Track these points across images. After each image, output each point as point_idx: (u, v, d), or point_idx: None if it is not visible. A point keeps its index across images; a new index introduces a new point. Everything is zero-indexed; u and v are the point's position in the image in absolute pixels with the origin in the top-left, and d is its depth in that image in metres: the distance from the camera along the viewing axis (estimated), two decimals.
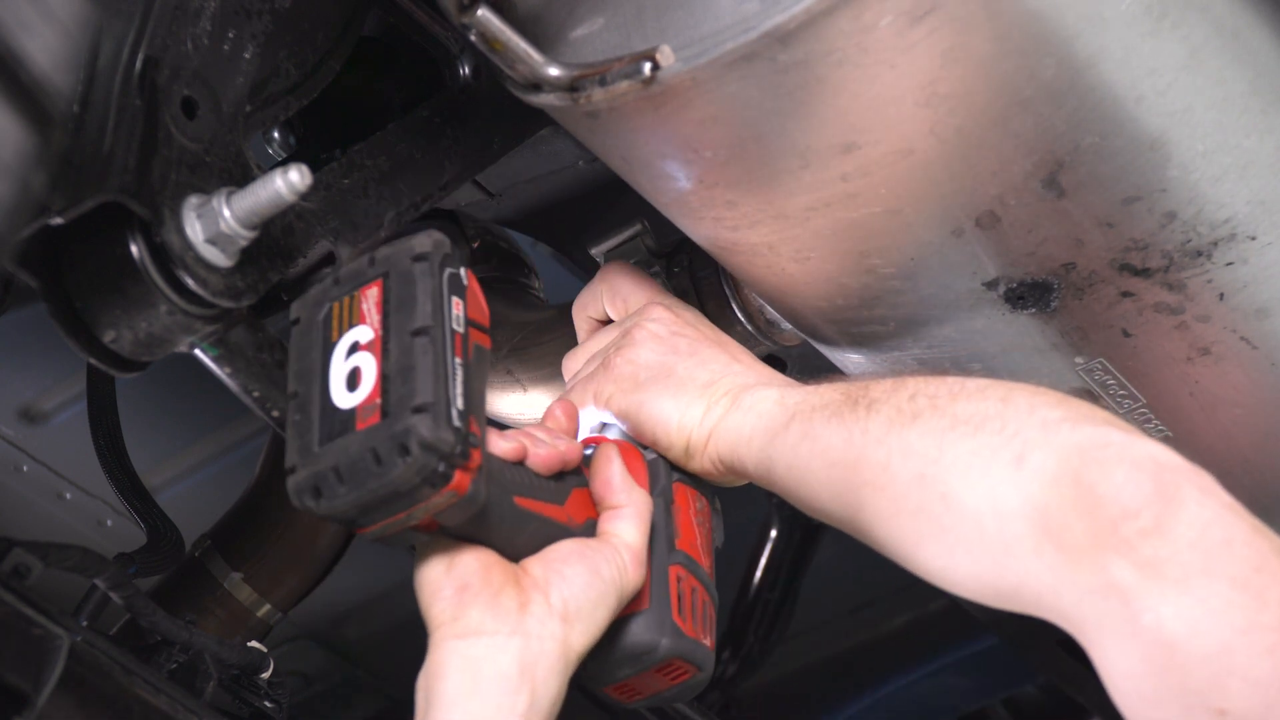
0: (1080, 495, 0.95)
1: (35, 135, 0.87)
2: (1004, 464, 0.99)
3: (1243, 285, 1.25)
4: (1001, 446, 1.00)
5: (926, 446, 1.04)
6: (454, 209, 1.89)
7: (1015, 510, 0.97)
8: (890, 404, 1.08)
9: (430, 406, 0.98)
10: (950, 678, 2.91)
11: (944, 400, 1.06)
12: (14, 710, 1.18)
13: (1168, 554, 0.91)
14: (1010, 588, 1.00)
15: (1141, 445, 0.97)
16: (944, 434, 1.03)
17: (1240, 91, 1.17)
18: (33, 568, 1.26)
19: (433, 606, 1.07)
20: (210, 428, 2.55)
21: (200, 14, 1.14)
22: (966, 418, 1.03)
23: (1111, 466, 0.95)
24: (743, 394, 1.22)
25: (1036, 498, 0.97)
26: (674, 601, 1.17)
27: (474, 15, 1.13)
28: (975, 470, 1.00)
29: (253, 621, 1.90)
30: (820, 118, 1.13)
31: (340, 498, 0.99)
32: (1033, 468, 0.97)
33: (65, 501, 2.48)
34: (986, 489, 0.99)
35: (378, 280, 1.05)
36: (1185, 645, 0.90)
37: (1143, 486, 0.94)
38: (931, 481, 1.03)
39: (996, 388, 1.06)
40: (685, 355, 1.27)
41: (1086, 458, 0.96)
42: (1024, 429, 1.00)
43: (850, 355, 1.44)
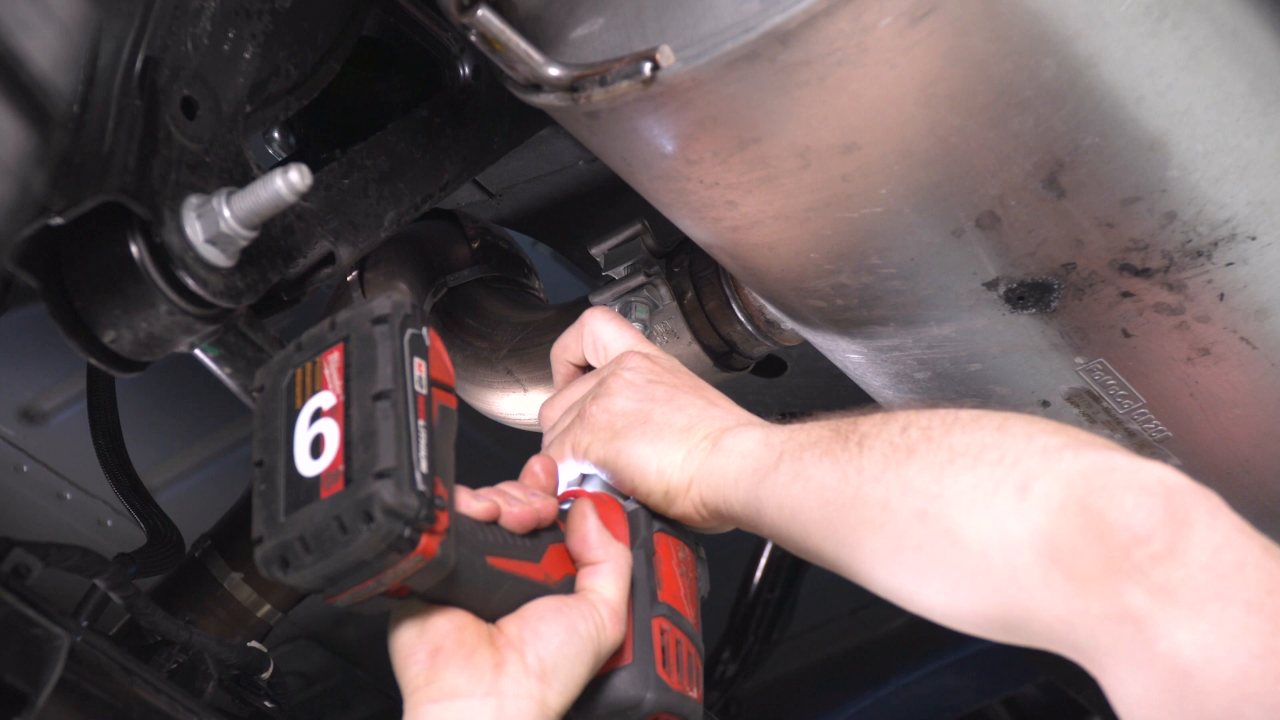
0: (1089, 522, 0.93)
1: (35, 135, 0.87)
2: (1008, 495, 0.97)
3: (1243, 285, 1.25)
4: (1004, 477, 0.98)
5: (926, 482, 1.02)
6: (454, 209, 1.89)
7: (1022, 541, 0.96)
8: (883, 439, 1.06)
9: (393, 471, 0.97)
10: (950, 678, 2.91)
11: (938, 432, 1.04)
12: (14, 710, 1.18)
13: (1181, 578, 0.90)
14: (1019, 620, 0.99)
15: (1148, 469, 0.96)
16: (943, 468, 1.01)
17: (1240, 92, 1.17)
18: (33, 568, 1.26)
19: (407, 671, 1.06)
20: (210, 428, 2.55)
21: (200, 14, 1.14)
22: (964, 449, 1.01)
23: (1120, 491, 0.94)
24: (723, 436, 1.19)
25: (1043, 527, 0.95)
26: (658, 655, 1.15)
27: (474, 15, 1.13)
28: (978, 503, 0.99)
29: (253, 621, 1.90)
30: (820, 118, 1.13)
31: (308, 568, 0.99)
32: (1037, 496, 0.96)
33: (65, 501, 2.48)
34: (991, 521, 0.98)
35: (339, 345, 1.03)
36: (1201, 672, 0.89)
37: (1154, 511, 0.92)
38: (934, 518, 1.01)
39: (991, 417, 1.04)
40: (662, 402, 1.24)
41: (1093, 484, 0.95)
42: (1024, 457, 0.98)
43: (850, 355, 1.44)
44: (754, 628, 2.57)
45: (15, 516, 2.46)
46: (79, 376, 2.08)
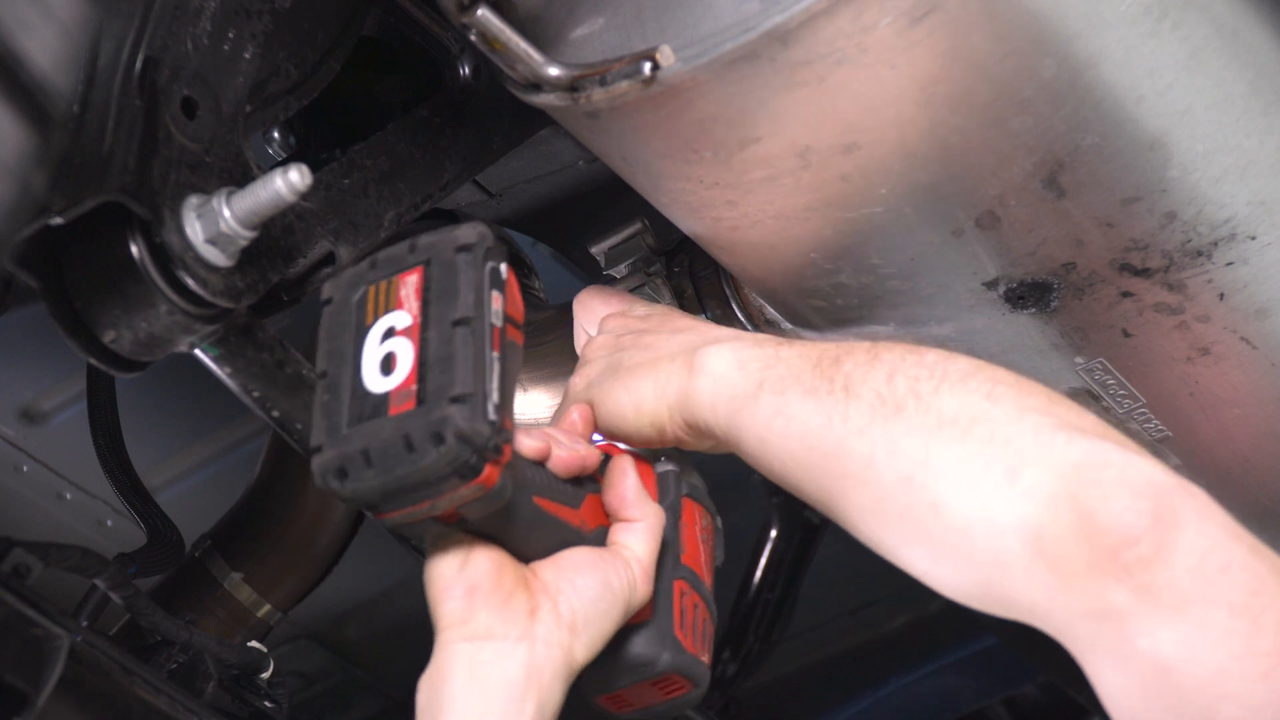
0: (1078, 520, 0.94)
1: (35, 135, 0.87)
2: (997, 476, 0.97)
3: (1243, 285, 1.25)
4: (994, 457, 0.98)
5: (912, 446, 1.02)
6: (454, 209, 1.89)
7: (1008, 527, 0.96)
8: (869, 386, 1.05)
9: (468, 397, 0.97)
10: (950, 678, 2.91)
11: (926, 389, 1.03)
12: (14, 710, 1.18)
13: (1165, 581, 0.91)
14: (998, 599, 0.99)
15: (1138, 466, 0.96)
16: (931, 434, 1.01)
17: (1240, 92, 1.17)
18: (33, 568, 1.26)
19: (442, 605, 1.06)
20: (210, 428, 2.55)
21: (200, 14, 1.14)
22: (953, 416, 1.01)
23: (1111, 491, 0.94)
24: (695, 355, 1.17)
25: (1032, 517, 0.95)
26: (677, 616, 1.16)
27: (474, 15, 1.13)
28: (965, 480, 0.99)
29: (253, 621, 1.90)
30: (820, 118, 1.13)
31: (366, 481, 0.98)
32: (1027, 484, 0.96)
33: (65, 501, 2.48)
34: (978, 502, 0.98)
35: (418, 267, 1.04)
36: (1180, 670, 0.90)
37: (1143, 514, 0.93)
38: (919, 487, 1.01)
39: (979, 378, 1.03)
40: (628, 348, 1.25)
41: (1084, 479, 0.95)
42: (1015, 437, 0.98)
43: None
44: (754, 628, 2.56)
45: (15, 516, 2.46)
46: (79, 376, 2.08)
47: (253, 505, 1.95)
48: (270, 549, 1.92)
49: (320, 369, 1.04)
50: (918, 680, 2.91)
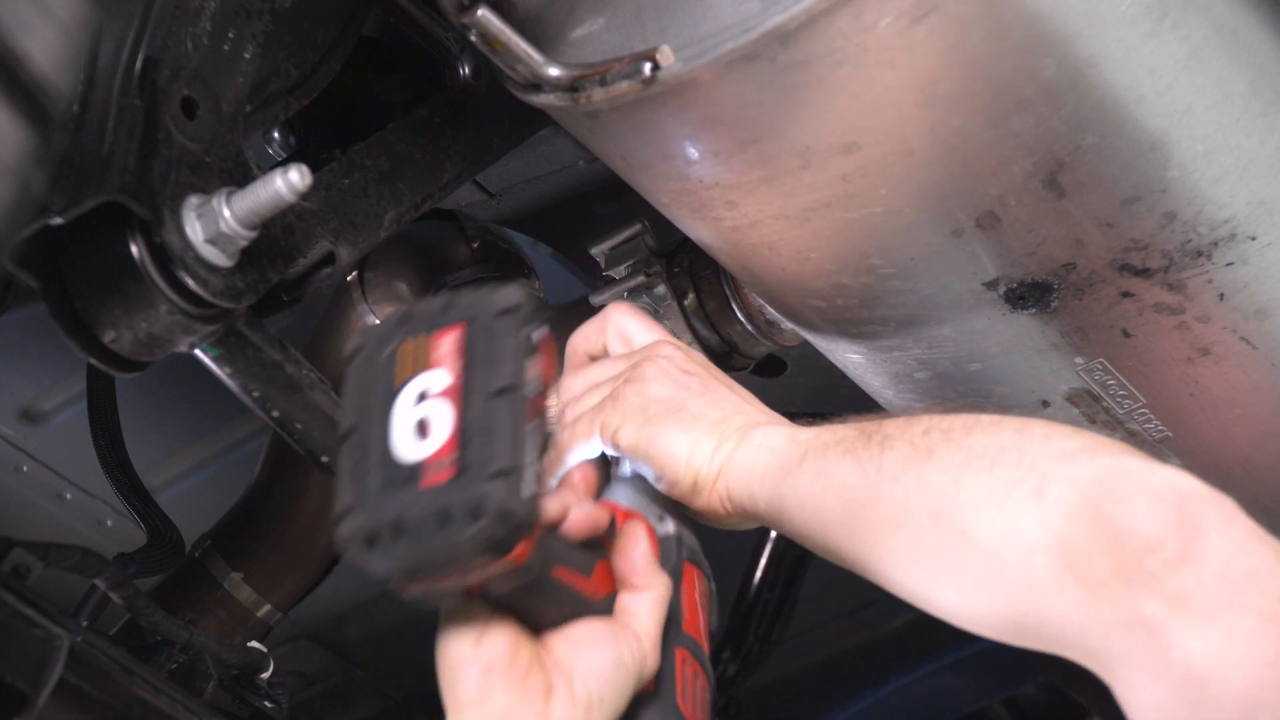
0: (1101, 528, 0.93)
1: (35, 135, 0.87)
2: (1023, 497, 0.97)
3: (1243, 285, 1.25)
4: (1020, 479, 0.98)
5: (944, 483, 1.02)
6: (454, 209, 1.89)
7: (1037, 544, 0.96)
8: (904, 440, 1.06)
9: (509, 472, 0.93)
10: (950, 678, 2.91)
11: (958, 434, 1.04)
12: (14, 710, 1.18)
13: (1194, 586, 0.90)
14: (1033, 625, 0.99)
15: (1160, 474, 0.95)
16: (960, 469, 1.01)
17: (1240, 92, 1.17)
18: (33, 568, 1.26)
19: (457, 685, 1.02)
20: (210, 428, 2.55)
21: (200, 14, 1.14)
22: (982, 451, 1.01)
23: (1132, 497, 0.93)
24: (753, 430, 1.18)
25: (1058, 531, 0.95)
26: (679, 687, 1.13)
27: (474, 15, 1.13)
28: (993, 504, 0.99)
29: (253, 621, 1.90)
30: (820, 118, 1.13)
31: (395, 553, 0.93)
32: (1052, 500, 0.96)
33: (65, 501, 2.48)
34: (1006, 523, 0.98)
35: (458, 327, 0.99)
36: (1215, 681, 0.89)
37: (1166, 517, 0.92)
38: (950, 518, 1.01)
39: (1011, 421, 1.04)
40: (697, 393, 1.23)
41: (1106, 489, 0.94)
42: (1040, 460, 0.98)
43: (851, 355, 1.44)
44: (754, 628, 2.56)
45: (15, 516, 2.46)
46: (79, 376, 2.08)
47: (253, 505, 1.95)
48: (270, 549, 1.92)
49: (348, 423, 1.00)
50: (918, 680, 2.90)
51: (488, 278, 1.82)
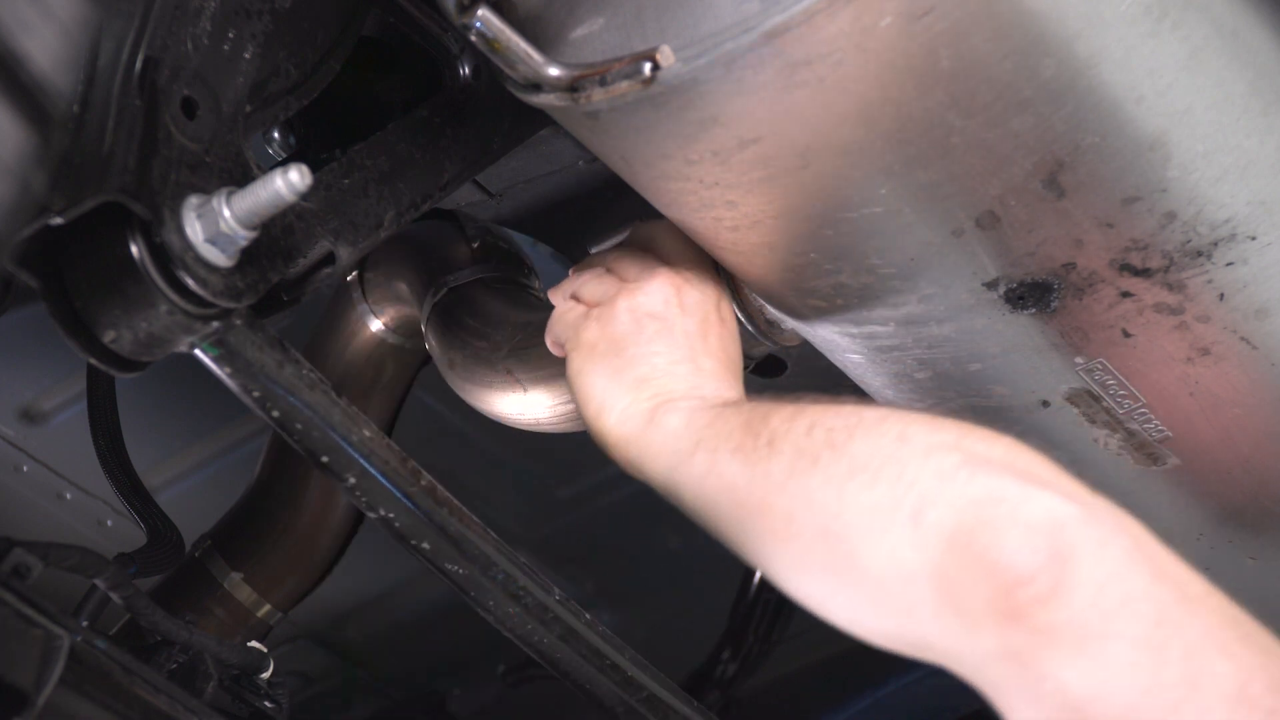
0: (974, 560, 0.93)
1: (35, 135, 0.87)
2: (903, 521, 0.98)
3: (1243, 285, 1.25)
4: (900, 499, 0.98)
5: (828, 498, 1.03)
6: (454, 209, 1.89)
7: (916, 572, 0.96)
8: (790, 440, 1.07)
9: None
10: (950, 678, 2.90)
11: (841, 438, 1.04)
12: (14, 710, 1.18)
13: (1065, 618, 0.90)
14: (917, 646, 1.00)
15: (1036, 500, 0.95)
16: (844, 483, 1.02)
17: (1240, 92, 1.17)
18: (33, 568, 1.25)
19: None
20: (210, 428, 2.55)
21: (200, 14, 1.14)
22: (865, 462, 1.02)
23: (1005, 529, 0.93)
24: (662, 406, 1.22)
25: (935, 560, 0.95)
26: None
27: (474, 15, 1.13)
28: (876, 528, 0.99)
29: (253, 621, 1.90)
30: (820, 118, 1.13)
31: None
32: (929, 525, 0.96)
33: (65, 501, 2.48)
34: (888, 549, 0.98)
35: None
36: (1090, 709, 0.89)
37: (1037, 551, 0.92)
38: (836, 538, 1.02)
39: (893, 421, 1.03)
40: (644, 342, 1.28)
41: (980, 517, 0.94)
42: (920, 477, 0.98)
43: (850, 355, 1.44)
44: (754, 628, 2.56)
45: (15, 516, 2.46)
46: (79, 376, 2.08)
47: (253, 505, 1.95)
48: (270, 549, 1.92)
49: None
50: (918, 680, 2.90)
51: (487, 277, 1.82)
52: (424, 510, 1.31)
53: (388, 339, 1.93)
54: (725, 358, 1.32)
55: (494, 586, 1.37)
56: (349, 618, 2.80)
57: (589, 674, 1.45)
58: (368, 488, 1.28)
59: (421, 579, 2.65)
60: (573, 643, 1.42)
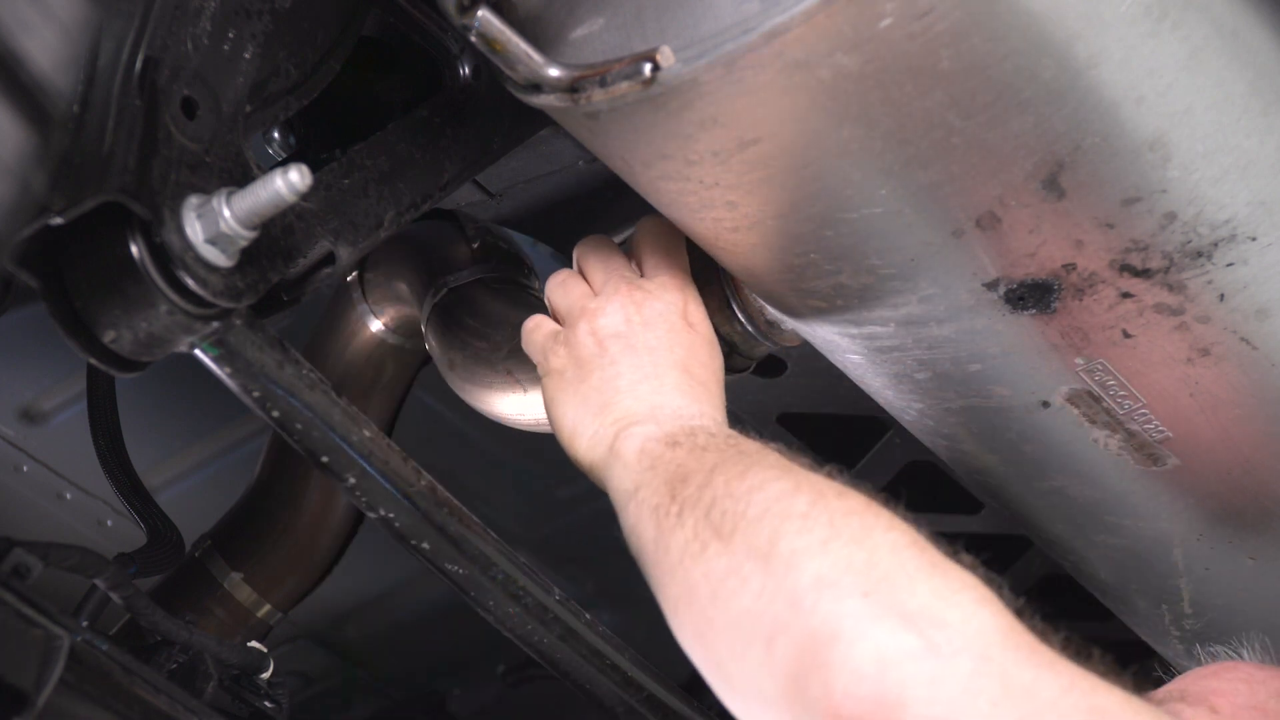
0: (813, 703, 0.93)
1: (35, 135, 0.87)
2: (760, 646, 0.98)
3: (1243, 286, 1.25)
4: (757, 621, 0.98)
5: (704, 597, 1.04)
6: (454, 209, 1.89)
7: (772, 700, 0.97)
8: (693, 515, 1.08)
9: None
10: None
11: (729, 525, 1.04)
12: (14, 710, 1.18)
13: None
14: None
15: (869, 639, 0.93)
16: (721, 582, 1.03)
17: (1240, 92, 1.17)
18: (33, 568, 1.25)
19: None
20: (210, 428, 2.55)
21: (200, 14, 1.14)
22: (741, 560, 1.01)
23: (834, 674, 0.92)
24: (621, 433, 1.25)
25: (785, 692, 0.96)
26: None
27: (474, 16, 1.13)
28: (738, 649, 1.00)
29: (253, 621, 1.90)
30: (820, 118, 1.13)
31: None
32: (778, 655, 0.96)
33: (65, 501, 2.48)
34: (749, 674, 0.99)
35: None
36: None
37: (863, 700, 0.91)
38: (708, 647, 1.04)
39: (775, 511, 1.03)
40: (607, 364, 1.31)
41: (816, 658, 0.94)
42: (777, 597, 0.98)
43: (850, 356, 1.44)
44: None
45: (15, 516, 2.46)
46: (79, 376, 2.08)
47: (253, 505, 1.95)
48: (270, 549, 1.92)
49: None
50: None
51: (487, 278, 1.82)
52: (424, 510, 1.31)
53: (388, 339, 1.93)
54: (693, 367, 1.33)
55: (494, 586, 1.37)
56: (349, 618, 2.79)
57: (589, 674, 1.45)
58: (368, 488, 1.28)
59: (421, 579, 2.64)
60: (573, 643, 1.43)
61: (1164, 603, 1.59)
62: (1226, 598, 1.56)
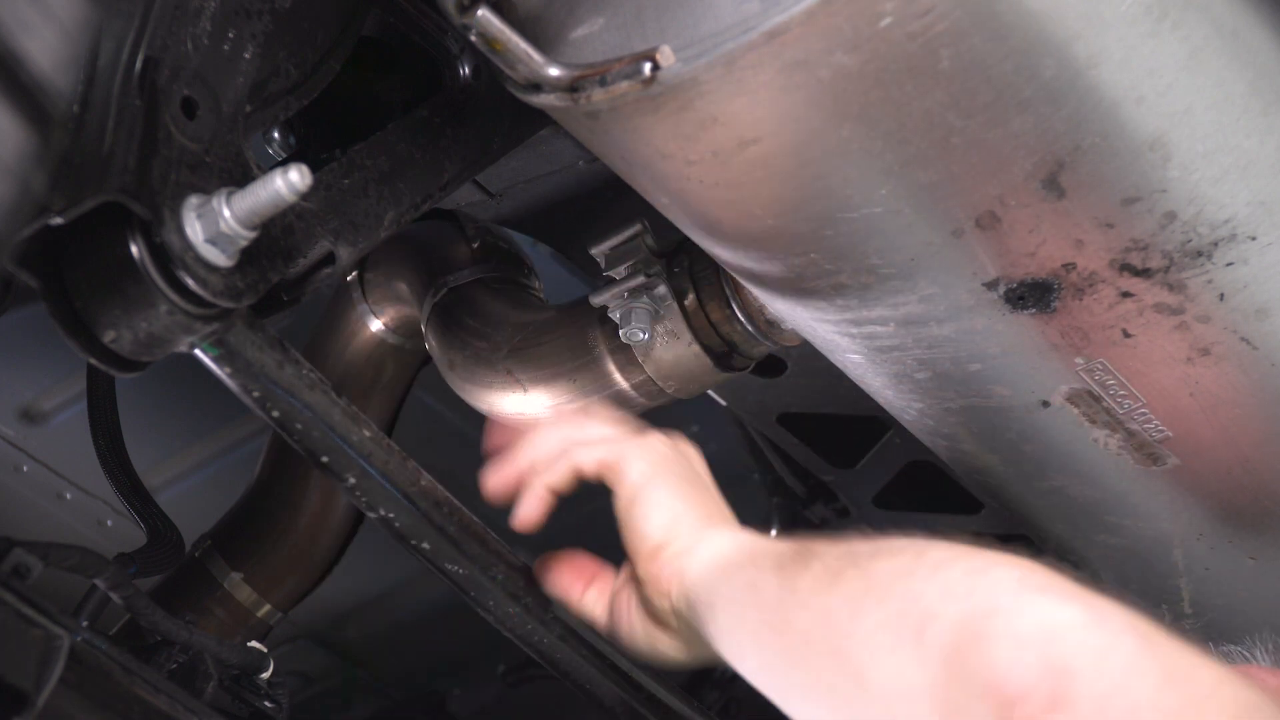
0: (972, 677, 0.91)
1: (35, 135, 0.87)
2: (908, 639, 0.96)
3: (1243, 286, 1.25)
4: (906, 615, 0.97)
5: (843, 616, 1.01)
6: (454, 209, 1.89)
7: (920, 691, 0.94)
8: (823, 560, 1.06)
9: None
10: None
11: (865, 559, 1.03)
12: (14, 710, 1.18)
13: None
14: None
15: (1031, 611, 0.92)
16: (860, 599, 1.01)
17: (1240, 92, 1.17)
18: (33, 568, 1.25)
19: None
20: (210, 428, 2.55)
21: (200, 14, 1.14)
22: (880, 578, 1.00)
23: (998, 644, 0.90)
24: (711, 527, 1.21)
25: (937, 678, 0.93)
26: None
27: (474, 16, 1.13)
28: (884, 647, 0.97)
29: (253, 621, 1.90)
30: (820, 118, 1.13)
31: None
32: (930, 642, 0.94)
33: (65, 501, 2.48)
34: (894, 669, 0.96)
35: None
36: None
37: (1030, 666, 0.89)
38: (845, 658, 1.00)
39: (917, 543, 1.02)
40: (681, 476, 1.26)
41: (975, 632, 0.92)
42: (925, 592, 0.97)
43: (850, 355, 1.44)
44: None
45: (15, 516, 2.46)
46: (79, 376, 2.08)
47: (253, 505, 1.95)
48: (270, 549, 1.92)
49: None
50: None
51: (487, 278, 1.82)
52: (424, 510, 1.31)
53: (388, 339, 1.93)
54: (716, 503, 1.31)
55: (494, 586, 1.37)
56: (349, 618, 2.80)
57: (589, 674, 1.45)
58: (368, 488, 1.28)
59: (421, 579, 2.64)
60: (573, 643, 1.42)
61: (1164, 603, 1.59)
62: (1226, 598, 1.56)
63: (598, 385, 1.67)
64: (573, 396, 1.68)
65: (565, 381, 1.68)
